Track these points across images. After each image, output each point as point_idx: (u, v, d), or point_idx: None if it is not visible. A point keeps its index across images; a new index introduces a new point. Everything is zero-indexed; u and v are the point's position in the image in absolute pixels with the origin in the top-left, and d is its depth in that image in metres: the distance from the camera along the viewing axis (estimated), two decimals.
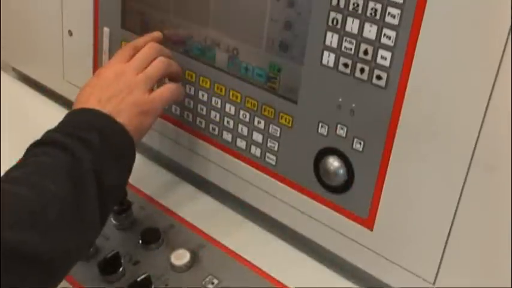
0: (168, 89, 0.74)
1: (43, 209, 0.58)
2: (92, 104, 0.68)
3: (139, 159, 0.70)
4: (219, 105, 0.77)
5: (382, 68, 0.61)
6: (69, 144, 0.63)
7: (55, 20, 0.96)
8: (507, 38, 0.53)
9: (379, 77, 0.61)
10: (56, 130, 0.66)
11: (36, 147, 0.64)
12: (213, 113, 0.78)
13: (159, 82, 0.74)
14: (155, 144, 0.87)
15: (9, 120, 0.95)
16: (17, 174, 0.61)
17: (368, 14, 0.60)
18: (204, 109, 0.79)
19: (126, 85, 0.70)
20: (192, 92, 0.79)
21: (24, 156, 0.64)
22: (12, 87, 1.08)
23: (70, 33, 0.95)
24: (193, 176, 0.85)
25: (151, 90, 0.72)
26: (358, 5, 0.61)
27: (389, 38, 0.60)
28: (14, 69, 1.13)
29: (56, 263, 0.58)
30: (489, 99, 0.55)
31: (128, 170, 0.69)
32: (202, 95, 0.78)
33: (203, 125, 0.80)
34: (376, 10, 0.60)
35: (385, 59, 0.60)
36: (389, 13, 0.59)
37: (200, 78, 0.78)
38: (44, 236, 0.57)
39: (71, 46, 0.96)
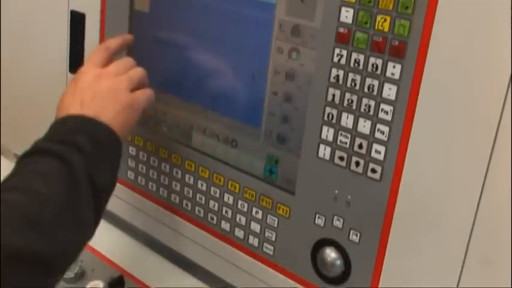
0: (148, 91, 0.74)
1: (39, 211, 0.59)
2: (74, 109, 0.68)
3: (137, 247, 0.70)
4: (217, 195, 0.78)
5: (376, 161, 0.63)
6: (58, 150, 0.63)
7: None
8: (496, 132, 0.55)
9: (373, 170, 0.63)
10: (44, 139, 0.66)
11: (26, 158, 0.64)
12: (211, 203, 0.79)
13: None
14: (154, 232, 0.88)
15: None
16: (9, 183, 0.62)
17: (362, 109, 0.63)
18: (203, 198, 0.80)
19: (107, 85, 0.70)
20: (191, 182, 0.81)
21: (14, 167, 0.64)
22: None
23: None
24: (191, 265, 0.85)
25: (133, 90, 0.72)
26: (352, 101, 0.63)
27: (382, 133, 0.62)
28: (15, 155, 1.15)
29: (55, 262, 0.59)
30: (481, 192, 0.57)
31: (117, 167, 0.69)
32: (202, 185, 0.80)
33: (202, 214, 0.81)
34: (369, 106, 0.62)
35: (379, 153, 0.62)
36: (382, 109, 0.61)
37: (200, 168, 0.80)
38: (43, 237, 0.58)
39: None
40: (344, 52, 0.63)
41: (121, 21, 0.85)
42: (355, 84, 0.63)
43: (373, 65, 0.61)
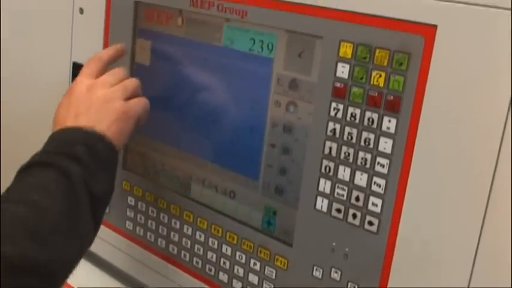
0: (139, 100, 0.74)
1: (39, 222, 0.60)
2: (70, 121, 0.69)
3: None
4: (215, 246, 0.78)
5: (373, 214, 0.63)
6: (56, 161, 0.64)
7: None
8: (491, 183, 0.55)
9: (370, 223, 0.64)
10: (42, 152, 0.67)
11: (24, 170, 0.65)
12: (209, 254, 0.79)
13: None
14: (152, 283, 0.88)
15: None
16: (8, 195, 0.62)
17: (359, 162, 0.64)
18: (201, 249, 0.80)
19: (101, 95, 0.71)
20: (190, 232, 0.81)
21: (14, 180, 0.65)
22: None
23: None
24: None
25: (128, 99, 0.73)
26: (349, 154, 0.64)
27: (379, 185, 0.63)
28: None
29: (55, 272, 0.60)
30: (478, 244, 0.57)
31: (114, 175, 0.70)
32: (200, 236, 0.80)
33: (200, 265, 0.81)
34: (366, 159, 0.63)
35: (376, 205, 0.63)
36: (378, 162, 0.62)
37: (198, 219, 0.80)
38: (42, 247, 0.59)
39: None
40: (340, 106, 0.64)
41: None
42: (351, 138, 0.64)
43: (369, 119, 0.62)
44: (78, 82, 0.74)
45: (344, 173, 0.65)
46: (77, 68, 0.93)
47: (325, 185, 0.67)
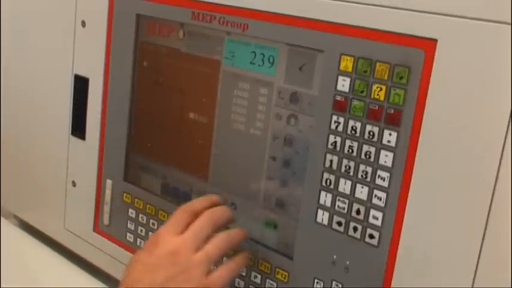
0: (227, 269, 0.69)
1: None
2: (146, 286, 0.65)
3: None
4: None
5: (374, 227, 0.63)
6: None
7: (60, 170, 1.00)
8: (492, 196, 0.55)
9: (371, 236, 0.64)
10: None
11: None
12: None
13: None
14: None
15: (7, 267, 0.96)
16: None
17: (359, 176, 0.64)
18: None
19: (182, 267, 0.65)
20: None
21: None
22: (12, 234, 1.10)
23: (74, 183, 0.98)
24: None
25: (210, 270, 0.67)
26: (350, 167, 0.65)
27: (380, 199, 0.63)
28: (15, 216, 1.16)
29: None
30: (479, 256, 0.57)
31: None
32: None
33: None
34: (366, 172, 0.63)
35: (377, 218, 0.63)
36: (379, 175, 0.63)
37: None
38: None
39: (74, 196, 0.99)
40: (341, 119, 0.64)
41: (124, 86, 0.87)
42: (352, 151, 0.64)
43: (369, 133, 0.63)
44: (162, 240, 0.68)
45: (345, 186, 0.65)
46: (79, 81, 0.94)
47: (326, 198, 0.67)
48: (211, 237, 0.69)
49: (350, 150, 0.64)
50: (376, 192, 0.63)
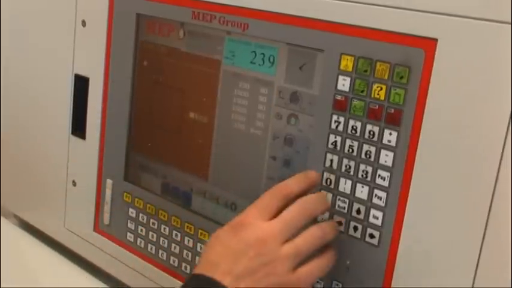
0: (317, 266, 0.62)
1: None
2: (222, 274, 0.58)
3: None
4: None
5: (374, 226, 0.63)
6: None
7: (60, 169, 1.00)
8: (492, 196, 0.55)
9: (371, 236, 0.64)
10: None
11: None
12: None
13: None
14: None
15: (7, 267, 0.96)
16: None
17: (359, 175, 0.64)
18: None
19: (268, 259, 0.59)
20: (191, 245, 0.81)
21: None
22: (12, 234, 1.10)
23: (74, 183, 0.98)
24: None
25: (296, 266, 0.60)
26: (350, 167, 0.65)
27: (380, 198, 0.63)
28: (15, 216, 1.16)
29: None
30: (479, 256, 0.57)
31: None
32: (201, 248, 0.80)
33: None
34: (367, 172, 0.63)
35: (377, 218, 0.63)
36: (379, 175, 0.63)
37: (199, 231, 0.80)
38: None
39: (74, 195, 0.99)
40: (341, 119, 0.64)
41: (124, 86, 0.87)
42: (352, 151, 0.64)
43: (370, 132, 0.63)
44: (249, 224, 0.62)
45: (345, 185, 0.65)
46: (79, 80, 0.94)
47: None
48: (302, 229, 0.62)
49: (350, 150, 0.64)
50: (376, 191, 0.63)
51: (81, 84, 0.94)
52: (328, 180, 0.66)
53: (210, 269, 0.59)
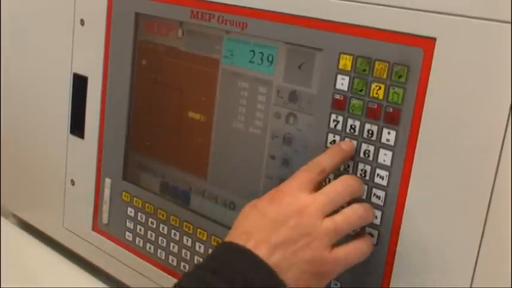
0: (356, 249, 0.59)
1: None
2: (256, 243, 0.56)
3: None
4: None
5: (373, 225, 0.63)
6: None
7: (59, 169, 1.00)
8: (491, 193, 0.55)
9: (370, 234, 0.64)
10: (213, 268, 0.56)
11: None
12: None
13: None
14: None
15: (6, 266, 0.96)
16: None
17: (358, 174, 0.64)
18: (201, 260, 0.80)
19: (305, 232, 0.56)
20: (189, 244, 0.81)
21: None
22: (11, 233, 1.10)
23: (72, 182, 0.98)
24: None
25: (334, 244, 0.58)
26: (348, 166, 0.65)
27: (378, 197, 0.63)
28: (14, 215, 1.16)
29: None
30: (478, 252, 0.57)
31: None
32: (199, 247, 0.80)
33: None
34: (365, 171, 0.63)
35: (376, 217, 0.63)
36: (378, 174, 0.63)
37: (198, 230, 0.80)
38: None
39: (73, 195, 0.99)
40: (340, 118, 0.65)
41: (123, 85, 0.87)
42: None
43: (368, 131, 0.63)
44: (290, 192, 0.59)
45: None
46: (77, 80, 0.94)
47: None
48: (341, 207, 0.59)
49: None
50: (375, 190, 0.63)
51: (79, 84, 0.94)
52: (328, 179, 0.66)
53: (242, 238, 0.57)
